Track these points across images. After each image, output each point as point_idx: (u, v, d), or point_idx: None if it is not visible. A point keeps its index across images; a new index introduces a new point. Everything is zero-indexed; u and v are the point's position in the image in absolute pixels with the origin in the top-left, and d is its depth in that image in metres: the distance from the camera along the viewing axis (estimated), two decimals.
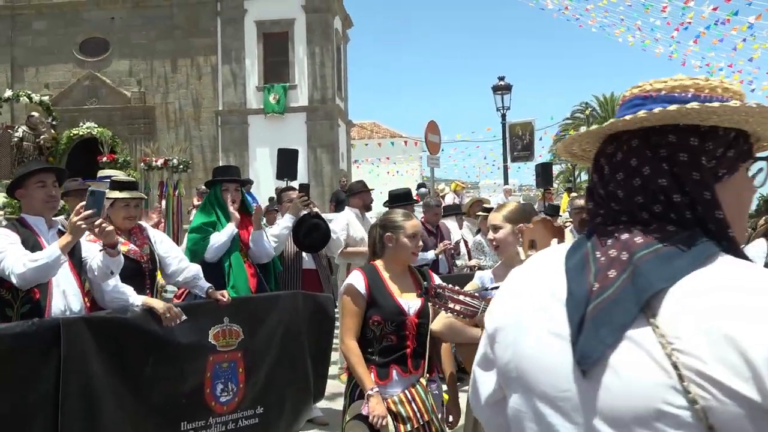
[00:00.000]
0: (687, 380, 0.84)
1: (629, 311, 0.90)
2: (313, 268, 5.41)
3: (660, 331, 0.88)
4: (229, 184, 4.47)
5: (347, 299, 2.93)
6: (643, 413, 0.86)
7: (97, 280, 3.41)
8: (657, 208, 0.98)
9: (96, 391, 3.11)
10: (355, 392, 2.89)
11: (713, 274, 0.90)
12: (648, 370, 0.87)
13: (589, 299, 0.95)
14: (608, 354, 0.90)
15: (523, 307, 1.04)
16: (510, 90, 16.80)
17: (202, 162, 24.82)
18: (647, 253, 0.94)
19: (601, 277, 0.96)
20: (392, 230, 2.98)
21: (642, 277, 0.91)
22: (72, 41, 25.62)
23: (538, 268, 1.08)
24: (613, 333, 0.90)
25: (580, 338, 0.93)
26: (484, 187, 37.71)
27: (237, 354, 3.82)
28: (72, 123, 21.46)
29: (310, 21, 25.01)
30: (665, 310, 0.89)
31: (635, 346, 0.89)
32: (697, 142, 0.98)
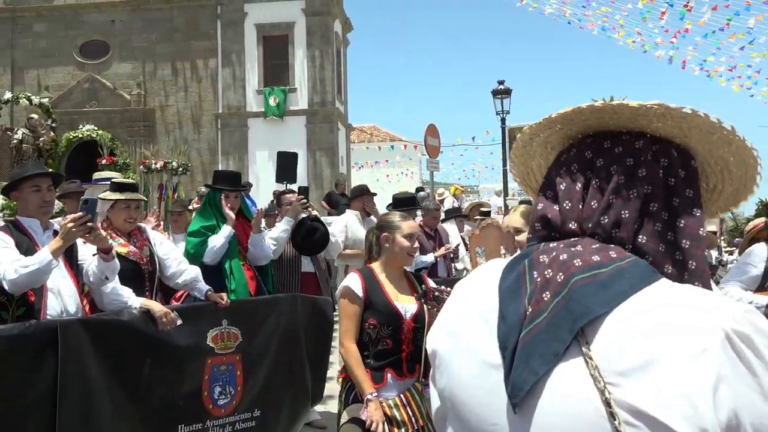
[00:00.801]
0: (618, 418, 0.78)
1: (562, 339, 0.85)
2: (311, 271, 5.40)
3: (593, 362, 0.82)
4: (229, 192, 4.47)
5: (345, 302, 2.92)
6: None
7: (93, 285, 3.40)
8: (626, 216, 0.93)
9: (93, 393, 3.09)
10: (350, 396, 2.87)
11: (652, 296, 0.84)
12: (578, 404, 0.81)
13: (521, 326, 0.89)
14: (539, 387, 0.85)
15: (457, 330, 0.98)
16: (509, 94, 16.79)
17: (201, 165, 24.83)
18: (585, 276, 0.88)
19: (535, 300, 0.90)
20: (389, 230, 2.97)
21: (577, 302, 0.86)
22: (72, 44, 25.66)
23: (476, 285, 1.01)
24: (545, 363, 0.85)
25: (513, 369, 0.87)
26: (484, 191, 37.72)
27: (235, 357, 3.81)
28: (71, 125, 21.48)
29: (310, 24, 25.05)
30: (600, 339, 0.83)
31: (567, 378, 0.83)
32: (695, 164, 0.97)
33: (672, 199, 0.93)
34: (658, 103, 0.92)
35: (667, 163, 0.94)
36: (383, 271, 2.97)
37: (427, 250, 6.70)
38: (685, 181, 0.94)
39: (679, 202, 0.93)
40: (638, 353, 0.80)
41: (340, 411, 2.91)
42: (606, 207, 0.94)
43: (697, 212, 0.93)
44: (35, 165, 3.53)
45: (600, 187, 0.96)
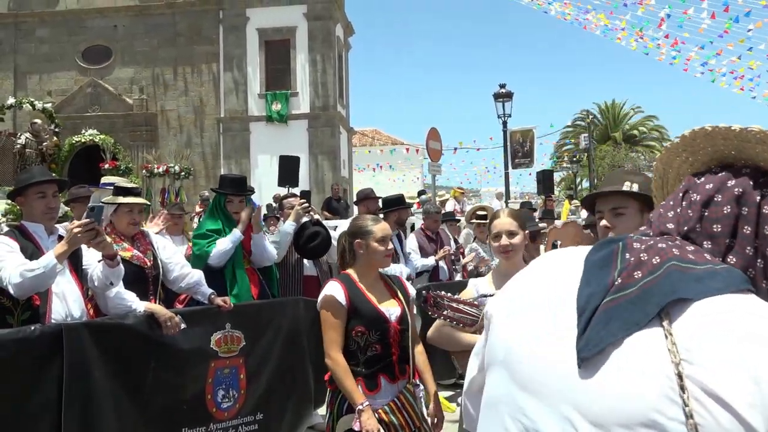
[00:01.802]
0: (688, 393, 0.80)
1: (646, 311, 0.87)
2: (314, 275, 5.42)
3: (673, 338, 0.84)
4: (234, 197, 4.49)
5: (328, 313, 2.82)
6: (632, 417, 0.83)
7: (97, 290, 3.43)
8: (714, 244, 0.95)
9: (98, 396, 3.11)
10: (343, 406, 2.80)
11: (744, 301, 0.87)
12: (649, 374, 0.83)
13: (606, 293, 0.92)
14: (612, 349, 0.87)
15: (531, 292, 1.01)
16: (511, 97, 16.83)
17: (203, 169, 24.91)
18: (681, 265, 0.91)
19: (625, 275, 0.93)
20: (361, 236, 2.91)
21: (669, 283, 0.89)
22: (75, 49, 25.77)
23: (556, 260, 1.06)
24: (624, 329, 0.87)
25: (588, 328, 0.89)
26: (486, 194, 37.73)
27: (238, 360, 3.83)
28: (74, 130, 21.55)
29: (311, 29, 25.13)
30: (684, 320, 0.86)
31: (643, 347, 0.86)
32: None
33: (762, 226, 0.93)
34: (759, 129, 0.94)
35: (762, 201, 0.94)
36: (361, 276, 2.92)
37: (429, 253, 6.72)
38: None
39: (761, 247, 0.93)
40: (720, 349, 0.82)
41: (333, 422, 2.83)
42: (699, 217, 0.97)
43: None
44: (41, 171, 3.55)
45: (697, 200, 0.99)
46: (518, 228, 2.86)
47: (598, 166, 31.72)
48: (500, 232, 2.86)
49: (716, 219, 0.95)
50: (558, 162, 35.14)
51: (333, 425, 2.82)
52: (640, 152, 38.08)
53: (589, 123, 32.02)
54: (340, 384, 2.77)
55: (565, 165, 35.18)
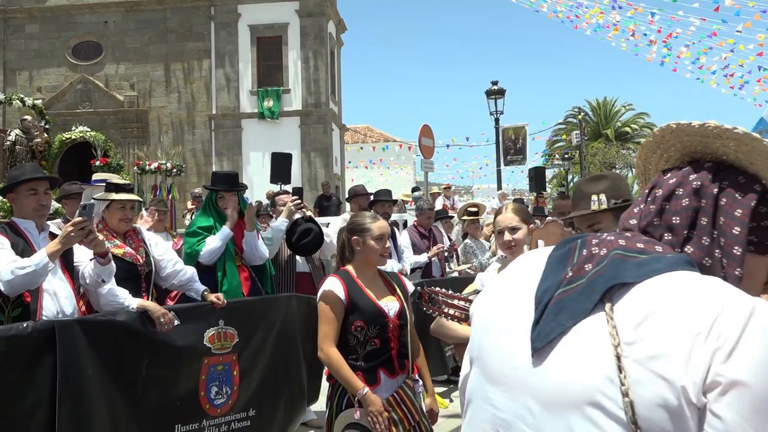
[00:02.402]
0: (625, 372, 0.86)
1: (592, 299, 0.94)
2: (306, 271, 5.42)
3: (614, 322, 0.90)
4: (225, 193, 4.48)
5: (326, 306, 2.86)
6: (580, 399, 0.89)
7: (89, 288, 3.42)
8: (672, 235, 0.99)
9: (91, 393, 3.11)
10: (342, 401, 2.83)
11: (679, 277, 0.92)
12: (593, 357, 0.90)
13: (559, 286, 0.99)
14: (561, 337, 0.94)
15: (503, 292, 1.09)
16: (503, 94, 16.86)
17: (195, 166, 24.81)
18: (625, 254, 0.97)
19: (576, 269, 1.00)
20: (359, 233, 2.95)
21: (612, 269, 0.95)
22: (65, 45, 25.58)
23: (529, 259, 1.12)
24: (572, 318, 0.94)
25: (541, 320, 0.97)
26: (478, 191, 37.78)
27: (232, 357, 3.83)
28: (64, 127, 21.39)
29: (303, 25, 25.06)
30: (625, 303, 0.92)
31: (588, 333, 0.92)
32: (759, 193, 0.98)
33: (719, 217, 0.97)
34: (715, 125, 0.99)
35: (726, 185, 0.98)
36: (359, 272, 2.95)
37: (421, 250, 6.74)
38: (737, 202, 0.97)
39: (724, 222, 0.97)
40: (656, 325, 0.87)
41: (332, 417, 2.85)
42: (659, 211, 1.02)
43: (737, 230, 0.96)
44: (33, 168, 3.54)
45: (659, 195, 1.04)
46: (521, 222, 2.88)
47: (589, 164, 31.84)
48: (503, 228, 2.88)
49: (675, 211, 1.00)
50: (550, 159, 35.24)
51: (332, 420, 2.84)
52: (631, 149, 38.25)
53: (581, 120, 32.12)
54: (337, 376, 2.81)
55: (557, 162, 35.28)
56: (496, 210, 3.19)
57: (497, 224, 2.92)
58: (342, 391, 2.84)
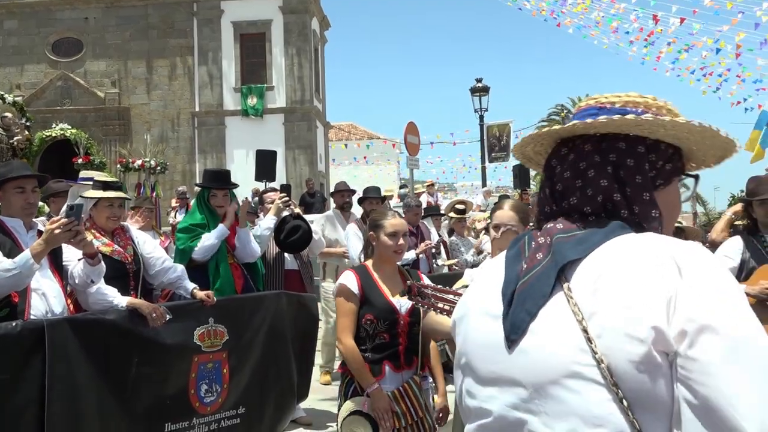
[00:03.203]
0: (595, 342, 0.94)
1: (548, 283, 1.02)
2: (295, 269, 5.42)
3: (574, 299, 0.98)
4: (217, 191, 4.47)
5: (341, 299, 2.97)
6: (558, 373, 0.96)
7: (77, 287, 3.39)
8: (591, 207, 1.09)
9: (81, 392, 3.09)
10: (350, 388, 2.92)
11: (619, 242, 1.01)
12: (562, 333, 0.97)
13: (518, 279, 1.07)
14: (531, 323, 1.02)
15: (474, 298, 1.17)
16: (488, 92, 16.93)
17: (179, 164, 24.62)
18: (566, 236, 1.06)
19: (529, 259, 1.08)
20: (374, 229, 3.03)
21: (558, 252, 1.04)
22: (44, 41, 25.24)
23: (493, 264, 1.19)
24: (536, 303, 1.02)
25: (510, 313, 1.05)
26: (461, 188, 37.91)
27: (222, 354, 3.82)
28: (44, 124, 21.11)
29: (287, 22, 24.96)
30: (577, 278, 1.01)
31: (552, 312, 1.00)
32: (644, 151, 1.09)
33: (626, 188, 1.08)
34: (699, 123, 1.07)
35: (615, 158, 1.09)
36: (377, 268, 3.02)
37: (409, 247, 6.75)
38: (634, 169, 1.09)
39: (631, 192, 1.08)
40: (610, 290, 0.96)
41: (341, 403, 2.95)
42: (572, 189, 1.12)
43: (647, 196, 1.08)
44: (21, 165, 3.49)
45: (568, 176, 1.13)
46: (518, 222, 2.89)
47: None
48: (499, 224, 2.89)
49: (586, 185, 1.10)
50: None
51: (341, 405, 2.94)
52: None
53: (564, 117, 32.34)
54: (350, 367, 2.91)
55: None
56: (495, 204, 3.20)
57: (495, 219, 2.93)
58: (349, 380, 2.93)
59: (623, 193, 1.08)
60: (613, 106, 1.11)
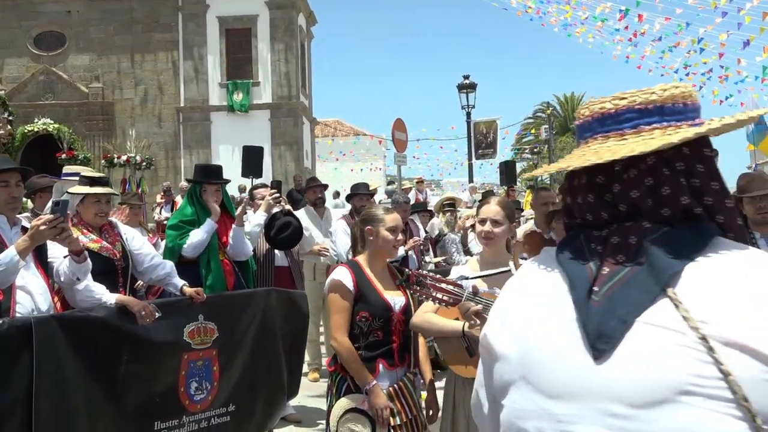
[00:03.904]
0: (717, 352, 0.84)
1: (649, 290, 0.91)
2: (285, 266, 5.39)
3: (684, 306, 0.88)
4: (209, 186, 4.41)
5: (335, 296, 2.89)
6: (672, 389, 0.85)
7: (64, 285, 3.34)
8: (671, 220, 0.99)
9: (69, 390, 3.04)
10: (342, 387, 2.87)
11: (726, 250, 0.93)
12: (673, 344, 0.86)
13: (592, 284, 0.95)
14: (626, 332, 0.90)
15: (520, 304, 1.04)
16: (475, 89, 16.96)
17: (163, 159, 24.42)
18: (657, 236, 0.95)
19: (609, 262, 0.96)
20: (372, 223, 2.96)
21: (659, 258, 0.92)
22: (26, 35, 24.86)
23: (531, 270, 1.09)
24: (632, 312, 0.90)
25: (594, 320, 0.92)
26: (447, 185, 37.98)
27: (212, 352, 3.79)
28: (26, 119, 20.84)
29: (273, 17, 24.81)
30: (685, 287, 0.90)
31: (655, 321, 0.89)
32: (710, 153, 1.01)
33: (704, 198, 0.98)
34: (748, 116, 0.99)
35: (683, 167, 0.99)
36: (369, 264, 2.97)
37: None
38: (707, 175, 0.99)
39: (713, 202, 0.99)
40: (725, 302, 0.87)
41: (332, 404, 2.88)
42: (646, 191, 1.00)
43: (729, 203, 0.99)
44: (3, 159, 3.42)
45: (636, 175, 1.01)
46: (504, 218, 2.88)
47: (557, 158, 32.25)
48: (485, 218, 2.88)
49: (663, 203, 0.99)
50: (519, 153, 35.60)
51: (332, 406, 2.87)
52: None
53: (549, 115, 32.52)
54: (347, 365, 2.84)
55: (526, 156, 35.68)
56: (481, 200, 3.20)
57: (481, 213, 2.93)
58: (341, 378, 2.87)
59: (704, 205, 0.98)
60: (654, 106, 1.00)
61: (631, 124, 1.00)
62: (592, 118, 1.05)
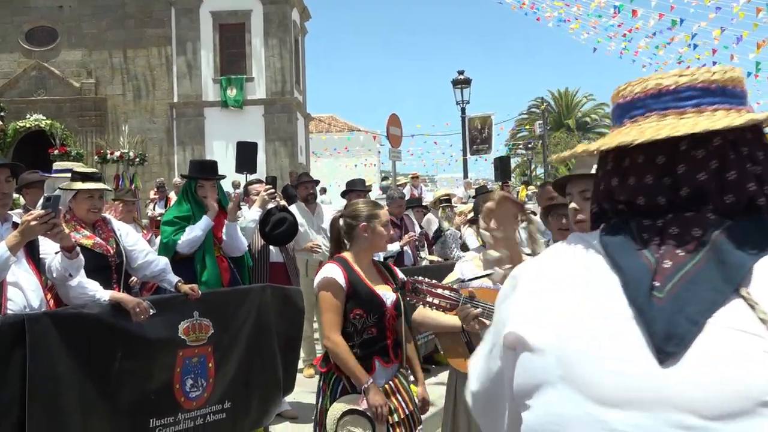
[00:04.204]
0: None
1: (719, 289, 0.82)
2: (281, 261, 5.36)
3: (761, 307, 0.79)
4: (205, 182, 4.38)
5: (328, 294, 2.83)
6: (754, 401, 0.76)
7: (56, 281, 3.30)
8: (733, 210, 0.91)
9: (63, 388, 3.02)
10: (337, 387, 2.81)
11: None
12: (753, 351, 0.78)
13: (653, 280, 0.85)
14: (698, 334, 0.80)
15: (558, 299, 0.92)
16: (469, 84, 16.95)
17: (157, 155, 24.30)
18: (724, 229, 0.87)
19: (670, 255, 0.87)
20: (367, 220, 2.93)
21: (731, 254, 0.84)
22: (18, 30, 24.66)
23: (564, 257, 0.97)
24: (704, 312, 0.81)
25: (661, 319, 0.82)
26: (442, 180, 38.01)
27: (207, 348, 3.77)
28: (18, 115, 20.70)
29: (267, 12, 24.70)
30: (759, 286, 0.81)
31: (732, 326, 0.80)
32: None
33: (765, 188, 0.91)
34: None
35: (747, 152, 0.92)
36: (357, 260, 2.93)
37: (393, 239, 6.73)
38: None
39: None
40: None
41: (326, 404, 2.82)
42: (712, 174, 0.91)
43: None
44: None
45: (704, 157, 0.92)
46: None
47: (551, 153, 32.31)
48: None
49: (729, 189, 0.91)
50: (513, 149, 35.65)
51: (326, 407, 2.81)
52: (592, 139, 38.89)
53: (543, 110, 32.57)
54: (343, 365, 2.78)
55: (520, 151, 35.74)
56: (485, 195, 3.16)
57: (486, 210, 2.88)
58: (336, 379, 2.82)
59: (767, 195, 0.90)
60: (716, 86, 0.93)
61: (693, 102, 0.93)
62: (646, 95, 0.96)
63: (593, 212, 1.02)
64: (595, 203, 1.02)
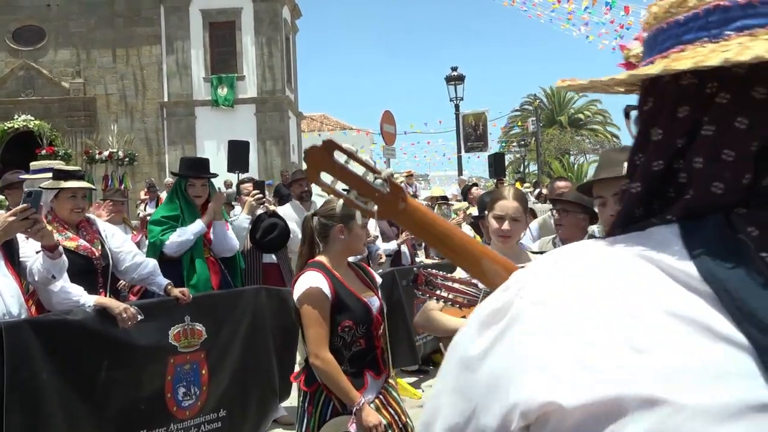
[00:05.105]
0: None
1: None
2: (274, 262, 5.19)
3: None
4: (196, 180, 4.18)
5: (311, 308, 2.54)
6: None
7: (38, 285, 3.12)
8: None
9: (44, 399, 2.85)
10: (327, 408, 2.56)
11: None
12: None
13: None
14: None
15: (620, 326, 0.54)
16: (463, 80, 16.83)
17: (147, 155, 24.05)
18: None
19: None
20: (344, 221, 2.66)
21: None
22: (4, 29, 24.31)
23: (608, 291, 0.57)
24: None
25: None
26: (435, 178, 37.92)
27: (200, 354, 3.61)
28: (6, 115, 20.41)
29: (257, 10, 24.49)
30: None
31: None
32: None
33: None
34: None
35: None
36: (335, 265, 2.67)
37: (390, 238, 6.62)
38: None
39: None
40: None
41: (314, 426, 2.56)
42: None
43: None
44: None
45: None
46: (522, 213, 2.67)
47: (545, 150, 32.26)
48: (504, 215, 2.63)
49: None
50: (506, 145, 35.56)
51: (313, 429, 2.56)
52: (585, 136, 38.96)
53: (536, 107, 32.50)
54: (334, 385, 2.53)
55: (513, 148, 35.66)
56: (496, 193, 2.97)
57: (498, 209, 2.69)
58: (326, 399, 2.57)
59: None
60: None
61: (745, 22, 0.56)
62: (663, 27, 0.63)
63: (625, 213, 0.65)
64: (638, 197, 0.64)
